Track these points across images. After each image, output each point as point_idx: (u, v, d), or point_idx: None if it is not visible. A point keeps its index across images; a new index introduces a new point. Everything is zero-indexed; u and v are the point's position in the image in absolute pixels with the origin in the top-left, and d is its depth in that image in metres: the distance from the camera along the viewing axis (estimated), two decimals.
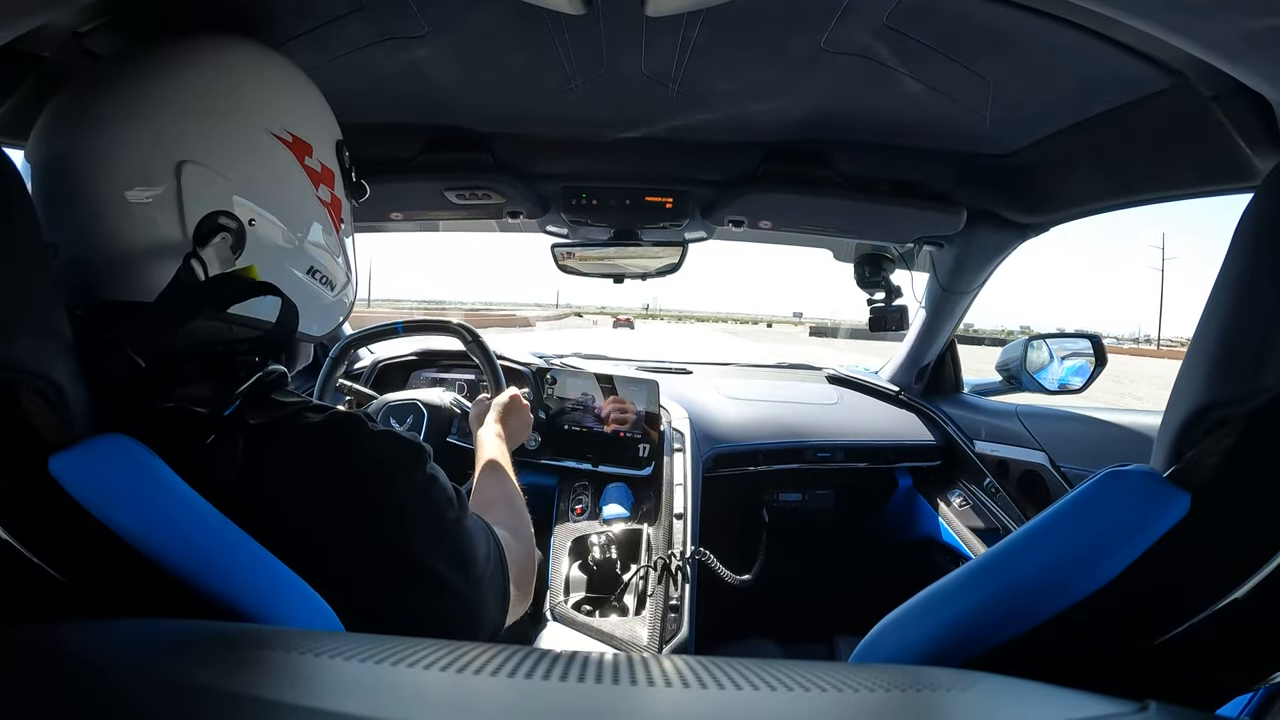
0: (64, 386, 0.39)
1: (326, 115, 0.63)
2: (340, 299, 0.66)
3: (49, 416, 0.38)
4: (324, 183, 0.60)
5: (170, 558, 0.38)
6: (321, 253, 0.60)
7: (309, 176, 0.58)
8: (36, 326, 0.39)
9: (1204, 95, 0.64)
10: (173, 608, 0.39)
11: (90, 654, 0.30)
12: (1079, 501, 0.39)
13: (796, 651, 1.48)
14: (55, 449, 0.38)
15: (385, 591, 0.49)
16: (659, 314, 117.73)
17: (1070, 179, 1.05)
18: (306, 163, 0.57)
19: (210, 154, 0.50)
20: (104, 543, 0.38)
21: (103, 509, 0.38)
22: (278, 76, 0.58)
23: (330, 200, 0.61)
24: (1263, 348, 0.35)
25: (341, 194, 0.64)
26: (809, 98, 0.93)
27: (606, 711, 0.27)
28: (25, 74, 0.64)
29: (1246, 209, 0.39)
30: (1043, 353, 1.55)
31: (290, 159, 0.56)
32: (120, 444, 0.40)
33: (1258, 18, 0.39)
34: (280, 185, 0.55)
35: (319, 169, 0.59)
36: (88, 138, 0.48)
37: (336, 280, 0.64)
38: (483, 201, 1.24)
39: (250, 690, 0.25)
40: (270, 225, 0.54)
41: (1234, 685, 0.36)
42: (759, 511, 1.75)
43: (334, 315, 0.66)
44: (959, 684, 0.33)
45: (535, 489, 1.43)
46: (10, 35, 0.45)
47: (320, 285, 0.61)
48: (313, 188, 0.58)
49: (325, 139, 0.61)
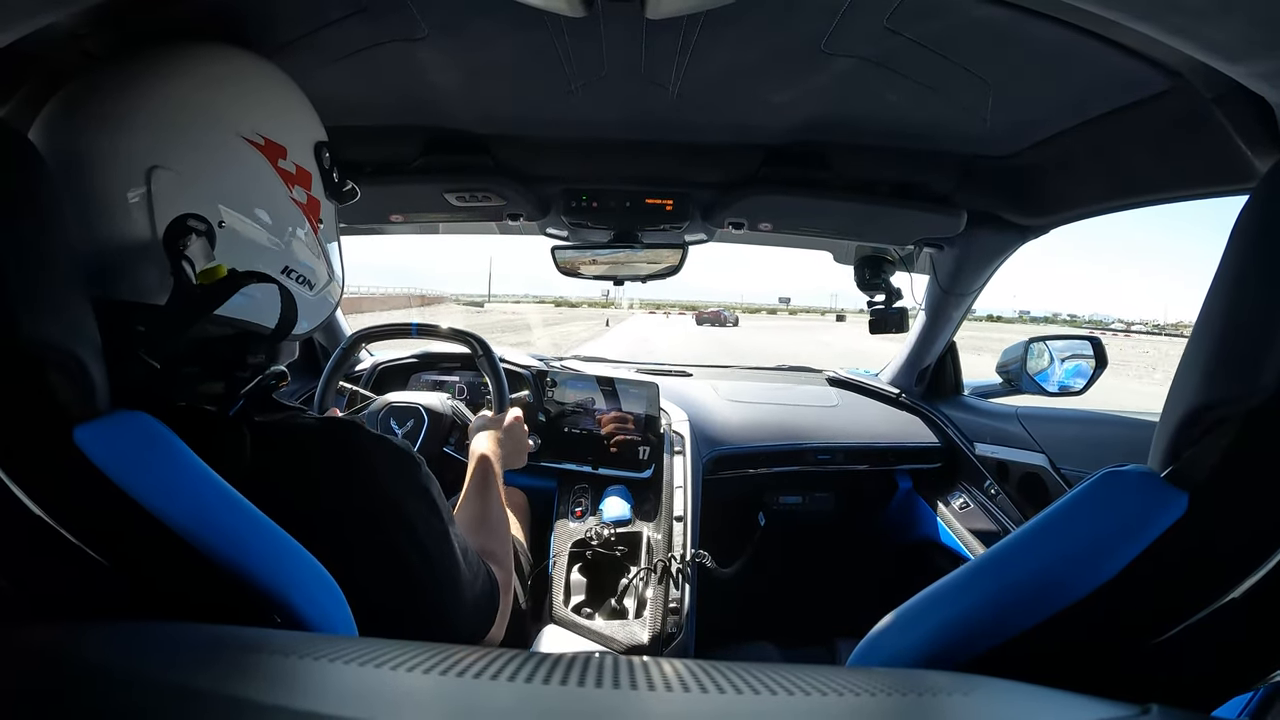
0: (87, 363, 0.42)
1: (306, 118, 0.63)
2: (322, 297, 0.67)
3: (73, 390, 0.41)
4: (299, 184, 0.61)
5: (184, 522, 0.41)
6: (298, 253, 0.61)
7: (282, 179, 0.58)
8: (63, 306, 0.41)
9: (1204, 97, 0.64)
10: (185, 572, 0.41)
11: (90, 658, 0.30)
12: (1077, 502, 0.39)
13: (796, 654, 1.47)
14: (79, 421, 0.40)
15: (373, 589, 0.51)
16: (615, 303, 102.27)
17: (1070, 181, 1.06)
18: (280, 165, 0.58)
19: (179, 159, 0.51)
20: (123, 508, 0.40)
21: (123, 476, 0.40)
22: (252, 81, 0.59)
23: (307, 202, 0.62)
24: (1260, 348, 0.35)
25: (320, 195, 0.64)
26: (809, 100, 0.94)
27: (606, 715, 0.27)
28: (26, 75, 0.64)
29: (1244, 209, 0.39)
30: (1043, 354, 1.55)
31: (262, 162, 0.56)
32: (140, 419, 0.43)
33: (1258, 20, 0.39)
34: (251, 188, 0.56)
35: (294, 171, 0.60)
36: (73, 143, 0.50)
37: (316, 279, 0.65)
38: (483, 204, 1.24)
39: (250, 695, 0.25)
40: (242, 226, 0.55)
41: (1233, 684, 0.36)
42: (755, 514, 1.75)
43: (316, 313, 0.67)
44: (960, 688, 0.33)
45: (535, 491, 1.43)
46: (12, 36, 0.46)
47: (298, 285, 0.62)
48: (286, 189, 0.59)
49: (302, 141, 0.61)
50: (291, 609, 0.42)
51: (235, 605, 0.42)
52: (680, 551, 1.20)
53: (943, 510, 1.58)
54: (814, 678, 0.31)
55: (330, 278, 0.68)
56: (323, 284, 0.66)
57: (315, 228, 0.64)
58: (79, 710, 0.24)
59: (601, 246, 1.43)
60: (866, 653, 0.44)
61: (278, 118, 0.59)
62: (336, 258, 0.70)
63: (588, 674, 0.29)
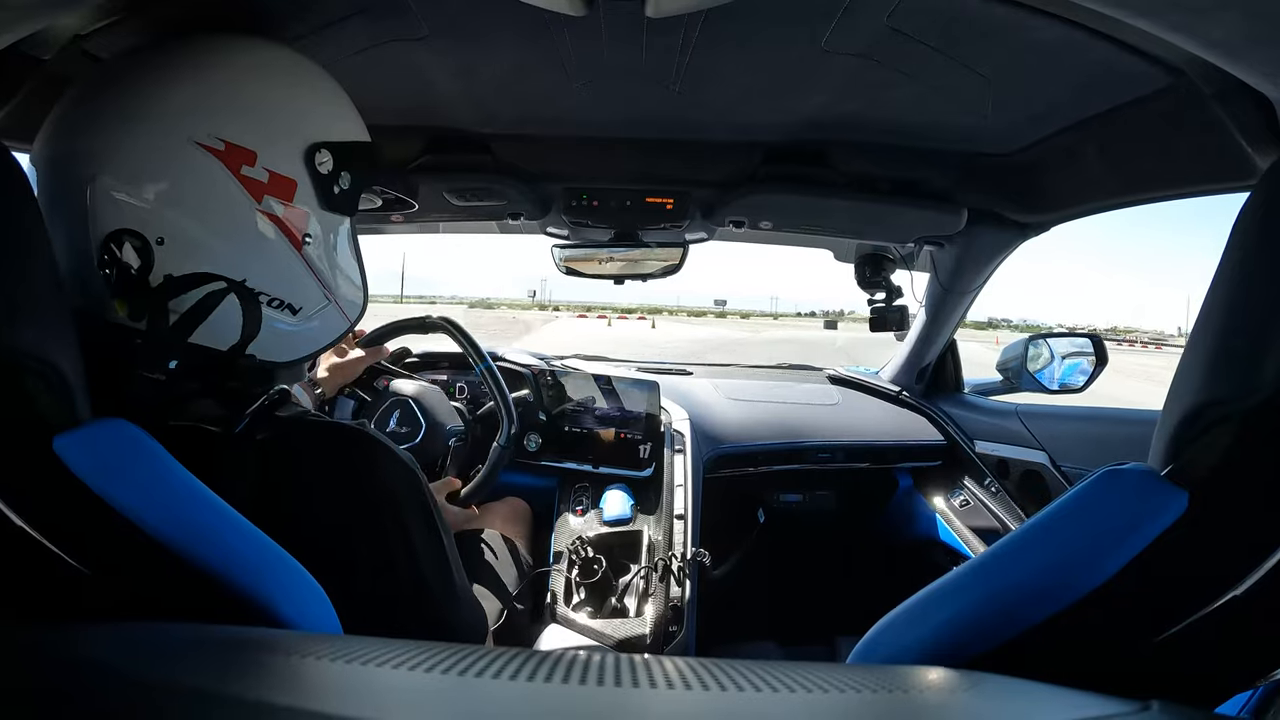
0: (66, 372, 0.41)
1: (294, 118, 0.56)
2: (311, 323, 0.59)
3: (52, 400, 0.41)
4: (273, 194, 0.53)
5: (163, 528, 0.41)
6: (265, 273, 0.54)
7: (246, 188, 0.51)
8: (41, 316, 0.41)
9: (1204, 93, 0.64)
10: (164, 578, 0.41)
11: (92, 656, 0.31)
12: (1077, 501, 0.39)
13: (797, 652, 1.47)
14: (58, 430, 0.40)
15: (370, 599, 0.52)
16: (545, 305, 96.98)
17: (1071, 178, 1.05)
18: (244, 173, 0.51)
19: (119, 167, 0.48)
20: (102, 516, 0.40)
21: (101, 484, 0.40)
22: (219, 76, 0.52)
23: (284, 213, 0.54)
24: (1260, 346, 0.35)
25: (310, 205, 0.56)
26: (810, 98, 0.93)
27: (607, 713, 0.27)
28: (27, 77, 0.64)
29: (1244, 206, 0.39)
30: (1043, 352, 1.55)
31: (218, 169, 0.50)
32: (119, 427, 0.42)
33: (1258, 15, 0.39)
34: (204, 199, 0.50)
35: (264, 179, 0.52)
36: (54, 147, 0.51)
37: (300, 302, 0.57)
38: (484, 203, 1.24)
39: (254, 695, 0.25)
40: (188, 243, 0.50)
41: (1234, 682, 0.36)
42: (755, 512, 1.75)
43: (307, 340, 0.60)
44: (962, 685, 0.33)
45: (536, 490, 1.43)
46: (13, 38, 0.46)
47: (272, 309, 0.55)
48: (251, 200, 0.52)
49: (283, 144, 0.54)
50: (275, 613, 0.43)
51: (217, 610, 0.42)
52: (681, 550, 1.20)
53: (943, 508, 1.58)
54: (815, 675, 0.31)
55: (329, 301, 0.60)
56: (317, 307, 0.59)
57: (299, 243, 0.55)
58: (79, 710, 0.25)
59: (602, 245, 1.43)
60: (867, 650, 0.44)
61: (248, 118, 0.52)
62: (354, 274, 0.63)
63: (589, 672, 0.29)
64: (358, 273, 0.64)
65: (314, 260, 0.57)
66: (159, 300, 0.49)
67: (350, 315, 0.63)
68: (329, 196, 0.57)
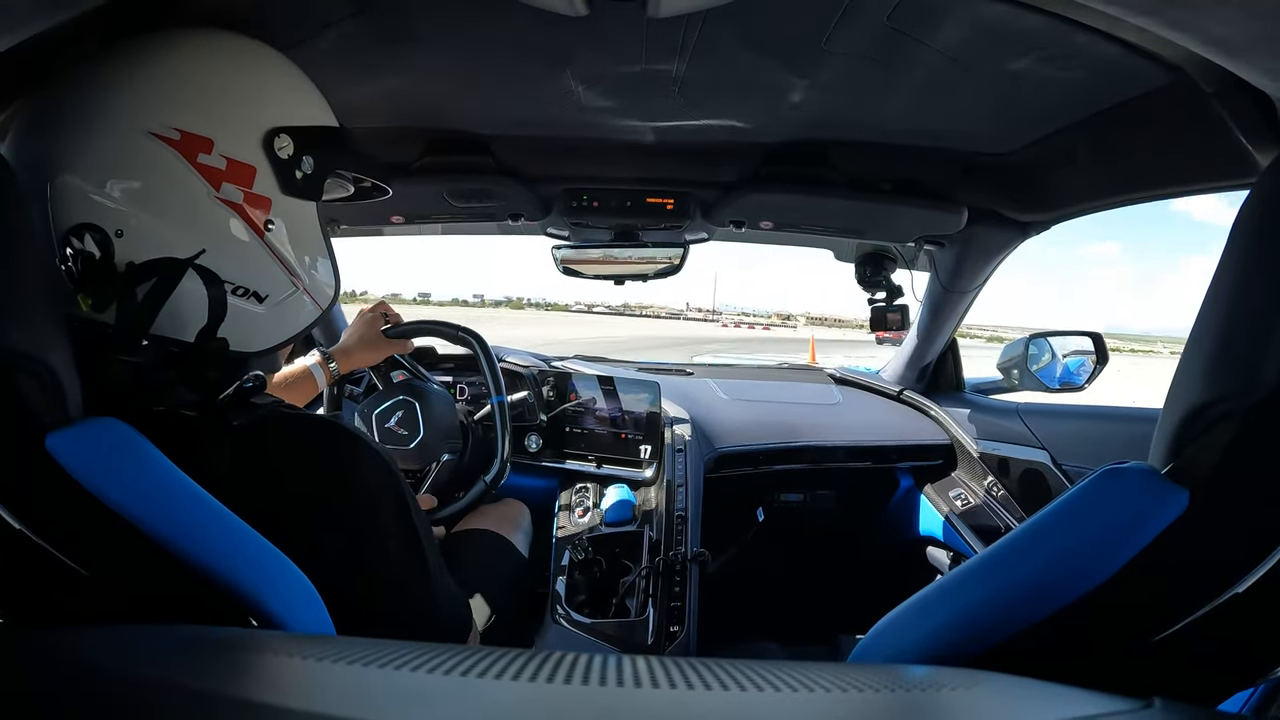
0: (58, 371, 0.42)
1: (250, 103, 0.55)
2: (283, 309, 0.59)
3: (44, 398, 0.41)
4: (231, 181, 0.53)
5: (156, 526, 0.41)
6: (228, 260, 0.54)
7: (204, 176, 0.52)
8: (31, 314, 0.41)
9: (1204, 91, 0.64)
10: (157, 576, 0.42)
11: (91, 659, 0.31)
12: (1078, 499, 0.39)
13: (799, 652, 1.47)
14: (51, 428, 0.40)
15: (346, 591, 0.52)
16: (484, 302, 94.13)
17: (1071, 177, 1.05)
18: (200, 161, 0.51)
19: (76, 162, 0.49)
20: (95, 514, 0.40)
21: (95, 482, 0.40)
22: (172, 66, 0.52)
23: (243, 200, 0.54)
24: (1260, 344, 0.35)
25: (272, 191, 0.56)
26: (810, 98, 0.93)
27: (608, 713, 0.27)
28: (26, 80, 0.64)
29: (1244, 204, 0.39)
30: (1044, 350, 1.55)
31: (175, 159, 0.50)
32: (112, 425, 0.43)
33: (1258, 13, 0.39)
34: (162, 189, 0.50)
35: (222, 166, 0.52)
36: (14, 149, 0.51)
37: (266, 289, 0.57)
38: (484, 204, 1.24)
39: (253, 696, 0.25)
40: (147, 234, 0.50)
41: (1236, 680, 0.36)
42: (755, 511, 1.75)
43: (277, 328, 0.59)
44: (963, 683, 0.33)
45: (536, 490, 1.43)
46: (12, 40, 0.46)
47: (238, 298, 0.55)
48: (209, 188, 0.52)
49: (241, 130, 0.54)
50: (266, 610, 0.43)
51: (208, 607, 0.42)
52: (682, 550, 1.20)
53: (944, 507, 1.58)
54: (817, 674, 0.31)
55: (298, 288, 0.60)
56: (284, 294, 0.59)
57: (260, 230, 0.55)
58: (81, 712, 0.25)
59: (602, 246, 1.43)
60: (869, 649, 0.44)
61: (202, 105, 0.52)
62: (322, 261, 0.63)
63: (590, 672, 0.29)
64: (327, 259, 0.63)
65: (278, 247, 0.57)
66: (125, 286, 0.49)
67: (321, 302, 0.63)
68: (290, 182, 0.57)
